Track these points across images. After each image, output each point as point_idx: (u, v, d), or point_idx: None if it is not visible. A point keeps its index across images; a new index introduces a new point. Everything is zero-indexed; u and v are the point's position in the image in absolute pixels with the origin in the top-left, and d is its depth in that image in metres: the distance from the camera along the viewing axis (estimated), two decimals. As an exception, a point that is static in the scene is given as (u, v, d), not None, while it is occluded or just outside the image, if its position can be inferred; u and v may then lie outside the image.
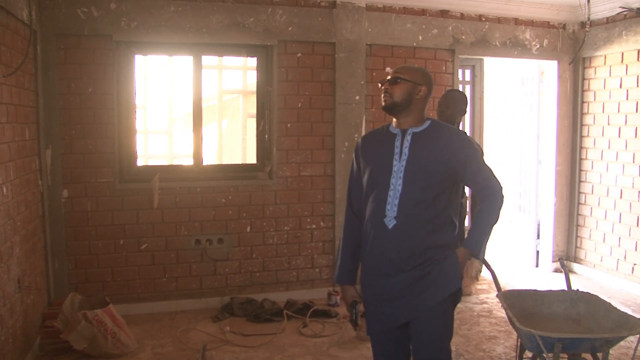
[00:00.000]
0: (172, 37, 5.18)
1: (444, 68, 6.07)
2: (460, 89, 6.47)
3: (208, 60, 5.89)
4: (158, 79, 7.64)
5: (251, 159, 5.89)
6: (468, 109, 6.50)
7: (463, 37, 6.07)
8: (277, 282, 5.68)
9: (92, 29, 4.93)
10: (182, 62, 6.21)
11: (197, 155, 5.53)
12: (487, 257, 5.50)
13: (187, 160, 5.99)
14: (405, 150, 2.67)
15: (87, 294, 4.86)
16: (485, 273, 6.19)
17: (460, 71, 6.36)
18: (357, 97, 5.68)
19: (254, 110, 5.85)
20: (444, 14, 6.00)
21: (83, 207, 5.09)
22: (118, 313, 4.50)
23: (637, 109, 5.95)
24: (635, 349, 3.20)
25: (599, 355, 3.24)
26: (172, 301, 5.36)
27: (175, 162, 7.52)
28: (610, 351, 4.13)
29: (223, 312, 5.26)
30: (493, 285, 3.73)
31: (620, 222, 6.19)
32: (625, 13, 5.99)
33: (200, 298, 5.45)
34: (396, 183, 2.65)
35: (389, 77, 2.73)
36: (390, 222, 2.64)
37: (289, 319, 5.11)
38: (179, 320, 5.13)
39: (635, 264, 6.03)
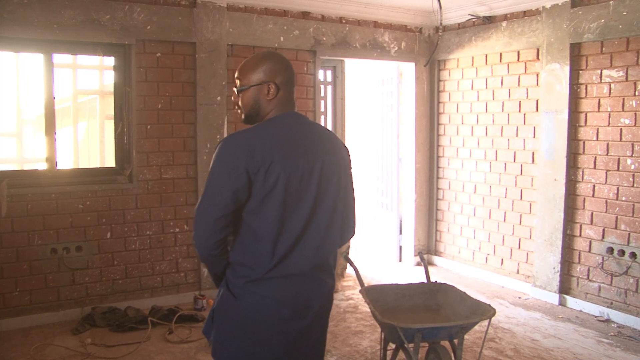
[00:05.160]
0: (18, 32, 4.81)
1: (305, 69, 6.15)
2: (322, 90, 6.59)
3: (61, 58, 5.55)
4: (4, 77, 7.11)
5: (110, 162, 5.65)
6: (330, 108, 6.67)
7: (324, 38, 6.18)
8: (141, 288, 5.48)
9: None
10: (32, 60, 5.81)
11: (51, 159, 5.21)
12: (351, 255, 5.67)
13: (40, 165, 5.62)
14: None
15: None
16: (350, 270, 6.35)
17: (321, 72, 6.48)
18: (219, 98, 5.61)
19: (112, 112, 5.61)
20: (305, 15, 6.08)
21: None
22: (-40, 333, 4.14)
23: (486, 109, 6.37)
24: (486, 332, 3.43)
25: (456, 341, 3.44)
26: (25, 316, 5.00)
27: (26, 167, 7.04)
28: (467, 337, 4.40)
29: (83, 323, 5.00)
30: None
31: (474, 215, 6.60)
32: (474, 20, 6.39)
33: (58, 310, 5.14)
34: None
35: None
36: None
37: (154, 326, 4.97)
38: (34, 336, 4.81)
39: (488, 254, 6.45)
